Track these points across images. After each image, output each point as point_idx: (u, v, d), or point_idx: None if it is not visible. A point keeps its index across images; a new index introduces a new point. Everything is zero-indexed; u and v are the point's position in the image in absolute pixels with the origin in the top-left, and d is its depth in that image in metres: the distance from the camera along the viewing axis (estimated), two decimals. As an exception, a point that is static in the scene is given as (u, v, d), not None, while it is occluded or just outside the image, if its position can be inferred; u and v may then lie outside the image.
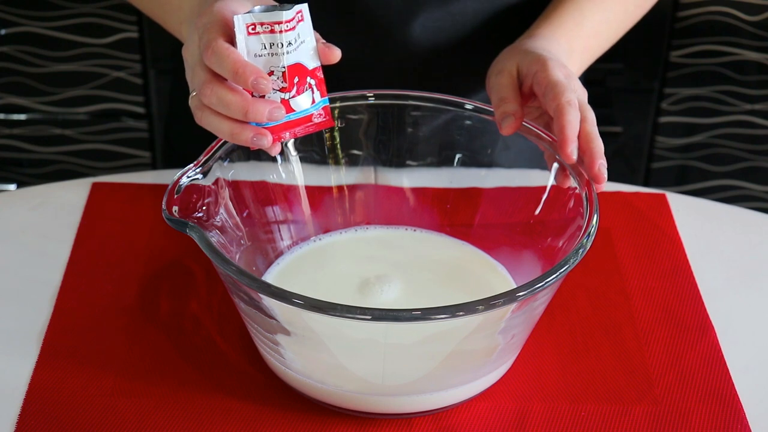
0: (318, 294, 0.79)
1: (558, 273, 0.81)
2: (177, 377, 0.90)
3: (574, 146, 0.88)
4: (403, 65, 1.08)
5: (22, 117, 1.91)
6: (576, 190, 0.90)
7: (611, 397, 0.89)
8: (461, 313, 0.78)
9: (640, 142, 1.96)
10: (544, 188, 0.95)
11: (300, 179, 0.99)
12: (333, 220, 1.01)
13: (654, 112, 1.93)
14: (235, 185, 0.93)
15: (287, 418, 0.87)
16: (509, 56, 0.96)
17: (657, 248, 1.05)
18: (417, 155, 1.00)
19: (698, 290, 1.00)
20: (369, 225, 1.01)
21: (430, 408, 0.87)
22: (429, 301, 0.81)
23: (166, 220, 0.85)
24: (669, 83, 1.88)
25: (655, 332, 0.95)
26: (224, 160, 0.91)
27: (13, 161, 1.95)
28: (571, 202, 0.91)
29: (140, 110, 1.91)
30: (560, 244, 0.91)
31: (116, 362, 0.91)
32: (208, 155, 0.90)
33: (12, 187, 1.93)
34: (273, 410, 0.87)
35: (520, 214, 0.97)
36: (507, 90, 0.93)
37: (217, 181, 0.90)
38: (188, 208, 0.86)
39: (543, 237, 0.94)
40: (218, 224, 0.89)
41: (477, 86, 1.06)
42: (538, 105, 0.94)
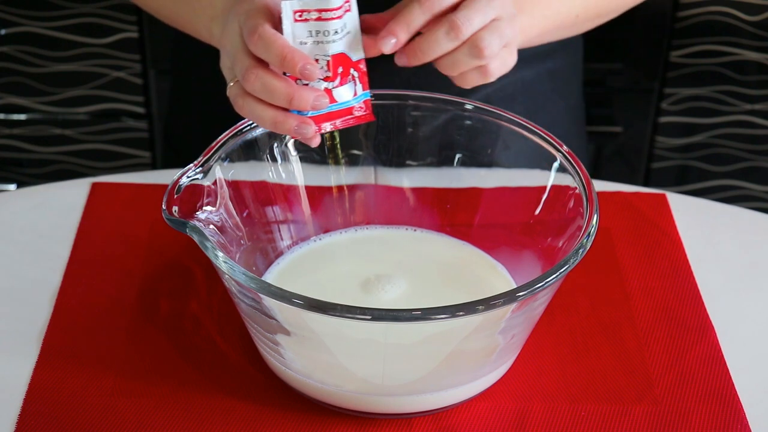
0: (318, 294, 0.79)
1: (558, 273, 0.81)
2: (177, 377, 0.90)
3: (391, 39, 0.86)
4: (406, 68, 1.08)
5: (22, 117, 1.91)
6: (576, 190, 0.90)
7: (611, 397, 0.89)
8: (461, 313, 0.78)
9: (640, 142, 1.96)
10: (544, 188, 0.95)
11: (300, 179, 0.99)
12: (333, 220, 1.01)
13: (654, 112, 1.92)
14: (235, 185, 0.93)
15: (287, 418, 0.87)
16: None
17: (657, 248, 1.05)
18: (417, 155, 1.00)
19: (698, 290, 1.00)
20: (369, 225, 1.01)
21: (430, 408, 0.87)
22: (429, 301, 0.81)
23: (166, 220, 0.85)
24: (669, 83, 1.88)
25: (655, 332, 0.95)
26: (224, 160, 0.91)
27: (13, 161, 1.95)
28: (571, 202, 0.91)
29: (140, 110, 1.91)
30: (560, 244, 0.91)
31: (116, 362, 0.91)
32: (208, 155, 0.90)
33: (12, 187, 1.93)
34: (273, 410, 0.87)
35: (520, 214, 0.97)
36: (414, 12, 0.89)
37: (217, 181, 0.90)
38: (188, 208, 0.86)
39: (543, 237, 0.94)
40: (218, 224, 0.89)
41: (477, 86, 1.05)
42: None
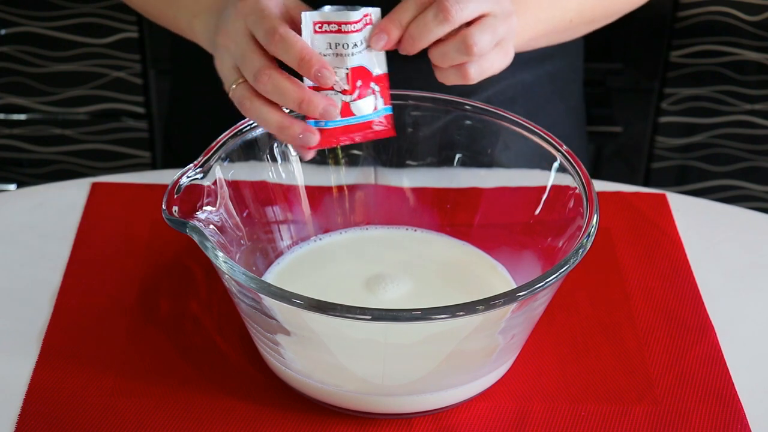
0: (318, 294, 0.79)
1: (558, 273, 0.81)
2: (177, 377, 0.90)
3: (382, 35, 0.87)
4: (405, 66, 1.08)
5: (22, 117, 1.91)
6: (576, 190, 0.90)
7: (611, 397, 0.89)
8: (461, 313, 0.78)
9: (640, 142, 1.96)
10: (544, 188, 0.95)
11: (300, 179, 0.99)
12: (333, 220, 1.01)
13: (654, 112, 1.92)
14: (235, 185, 0.93)
15: (287, 418, 0.87)
16: None
17: (657, 248, 1.05)
18: (417, 155, 1.00)
19: (698, 290, 1.00)
20: (369, 225, 1.01)
21: (430, 408, 0.87)
22: (429, 301, 0.81)
23: (166, 220, 0.85)
24: (669, 83, 1.88)
25: (655, 332, 0.95)
26: (224, 160, 0.91)
27: (13, 161, 1.95)
28: (571, 202, 0.91)
29: (140, 110, 1.91)
30: (560, 244, 0.91)
31: (116, 362, 0.91)
32: (208, 155, 0.90)
33: (12, 187, 1.93)
34: (273, 410, 0.87)
35: (520, 214, 0.96)
36: (407, 6, 0.89)
37: (217, 181, 0.90)
38: (188, 208, 0.86)
39: (543, 237, 0.94)
40: (218, 224, 0.89)
41: (477, 86, 1.05)
42: None
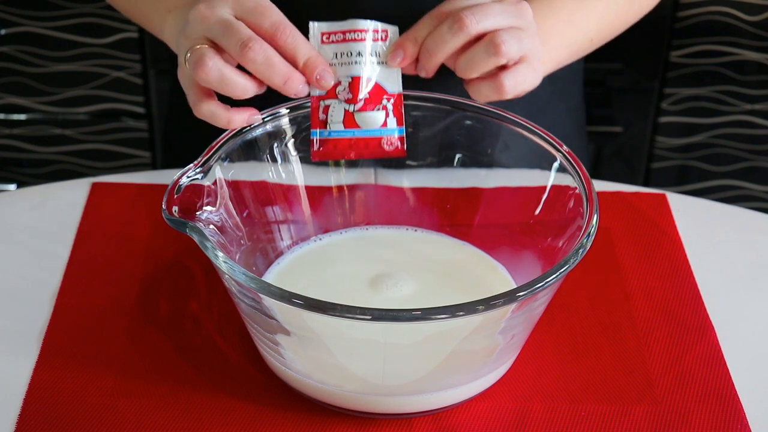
0: (318, 294, 0.79)
1: (558, 273, 0.81)
2: (177, 377, 0.90)
3: (399, 52, 0.89)
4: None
5: (22, 117, 1.91)
6: (576, 190, 0.90)
7: (611, 397, 0.89)
8: (461, 313, 0.78)
9: (640, 142, 1.96)
10: (544, 188, 0.95)
11: (300, 179, 0.99)
12: (333, 220, 1.01)
13: (654, 112, 1.93)
14: (235, 185, 0.93)
15: (287, 418, 0.87)
16: None
17: (657, 248, 1.05)
18: (417, 155, 1.00)
19: (698, 290, 1.00)
20: (369, 225, 1.01)
21: (430, 408, 0.87)
22: (429, 302, 0.81)
23: (166, 220, 0.85)
24: (669, 83, 1.88)
25: (655, 332, 0.95)
26: (224, 160, 0.91)
27: (13, 161, 1.95)
28: (571, 202, 0.91)
29: (140, 110, 1.91)
30: (560, 244, 0.91)
31: (116, 362, 0.91)
32: (208, 155, 0.90)
33: (12, 187, 1.93)
34: (273, 410, 0.87)
35: (520, 214, 0.96)
36: (423, 24, 0.91)
37: (217, 181, 0.90)
38: (188, 208, 0.86)
39: (543, 237, 0.94)
40: (218, 224, 0.89)
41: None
42: None
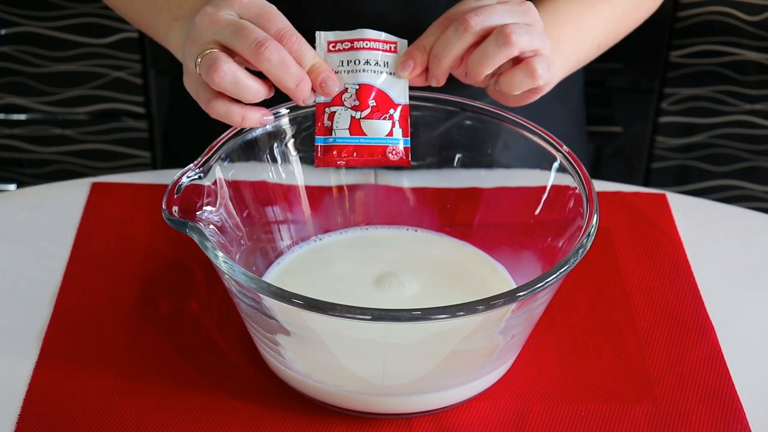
0: (318, 294, 0.79)
1: (558, 273, 0.81)
2: (177, 377, 0.90)
3: (409, 62, 0.90)
4: None
5: (22, 117, 1.91)
6: (576, 190, 0.90)
7: (611, 397, 0.89)
8: (461, 313, 0.78)
9: (640, 142, 1.96)
10: (544, 188, 0.95)
11: (300, 179, 0.99)
12: (333, 220, 1.01)
13: (654, 112, 1.93)
14: (235, 185, 0.93)
15: (287, 418, 0.87)
16: None
17: (657, 248, 1.05)
18: (417, 155, 1.00)
19: (698, 290, 1.00)
20: (369, 225, 1.01)
21: (430, 408, 0.87)
22: (429, 302, 0.81)
23: (166, 220, 0.85)
24: (669, 83, 1.88)
25: (655, 332, 0.95)
26: (224, 160, 0.91)
27: (13, 161, 1.95)
28: (571, 202, 0.91)
29: (140, 110, 1.91)
30: (560, 244, 0.91)
31: (116, 362, 0.91)
32: (208, 155, 0.90)
33: (12, 187, 1.93)
34: (273, 410, 0.87)
35: (520, 214, 0.96)
36: (429, 32, 0.92)
37: (217, 181, 0.90)
38: (188, 208, 0.86)
39: (543, 237, 0.94)
40: (218, 224, 0.89)
41: (479, 90, 1.05)
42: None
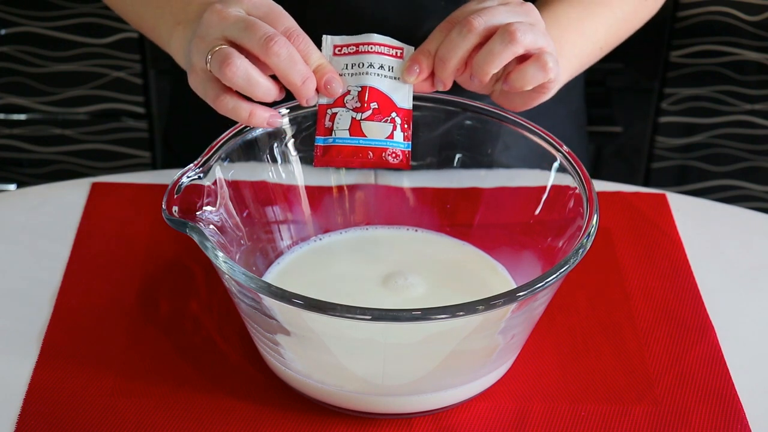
0: (318, 294, 0.79)
1: (558, 273, 0.81)
2: (177, 377, 0.90)
3: (414, 67, 0.90)
4: None
5: (22, 117, 1.91)
6: (576, 190, 0.90)
7: (611, 397, 0.89)
8: (461, 313, 0.78)
9: (640, 142, 1.96)
10: (544, 188, 0.95)
11: (300, 179, 0.99)
12: (333, 220, 1.01)
13: (654, 112, 1.93)
14: (235, 185, 0.93)
15: (287, 418, 0.87)
16: None
17: (657, 248, 1.05)
18: (417, 155, 1.00)
19: (698, 290, 1.00)
20: (369, 225, 1.01)
21: (430, 408, 0.87)
22: (429, 302, 0.81)
23: (166, 220, 0.85)
24: (669, 83, 1.88)
25: (655, 332, 0.95)
26: (224, 160, 0.91)
27: (13, 161, 1.95)
28: (571, 202, 0.91)
29: (140, 110, 1.91)
30: (560, 244, 0.91)
31: (116, 362, 0.91)
32: (208, 155, 0.90)
33: (12, 187, 1.93)
34: (273, 410, 0.87)
35: (520, 214, 0.96)
36: (434, 36, 0.92)
37: (217, 181, 0.90)
38: (188, 208, 0.86)
39: (543, 237, 0.94)
40: (218, 224, 0.89)
41: (480, 95, 1.05)
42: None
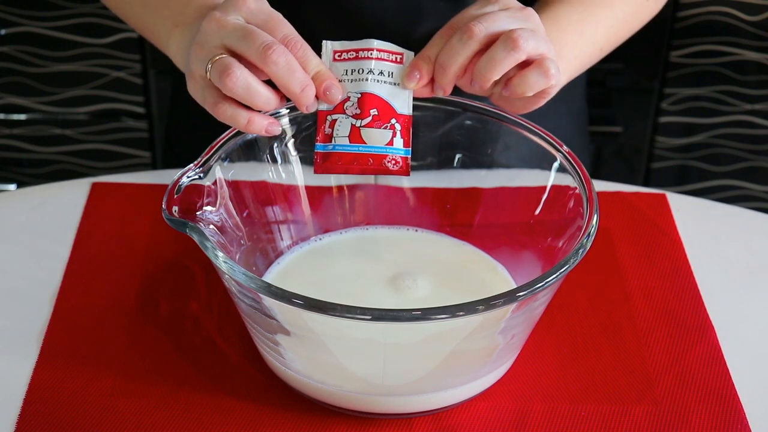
0: (318, 294, 0.79)
1: (558, 273, 0.81)
2: (177, 377, 0.90)
3: (415, 73, 0.89)
4: None
5: (22, 117, 1.91)
6: (576, 190, 0.90)
7: (611, 397, 0.89)
8: (461, 313, 0.78)
9: (640, 142, 1.96)
10: (544, 188, 0.95)
11: (300, 179, 0.99)
12: (333, 220, 1.01)
13: (654, 112, 1.93)
14: (235, 185, 0.93)
15: (287, 418, 0.87)
16: None
17: (657, 248, 1.05)
18: (417, 155, 1.00)
19: (698, 290, 1.00)
20: (369, 225, 1.01)
21: (430, 408, 0.87)
22: (428, 302, 0.81)
23: (166, 220, 0.85)
24: (669, 83, 1.88)
25: (655, 332, 0.95)
26: (224, 160, 0.91)
27: (13, 161, 1.95)
28: (571, 202, 0.91)
29: (140, 110, 1.91)
30: (560, 244, 0.91)
31: (116, 362, 0.91)
32: (208, 155, 0.90)
33: (12, 187, 1.93)
34: (273, 410, 0.87)
35: (520, 214, 0.96)
36: (434, 42, 0.91)
37: (217, 181, 0.90)
38: (188, 208, 0.86)
39: (543, 237, 0.94)
40: (218, 224, 0.89)
41: (480, 96, 1.05)
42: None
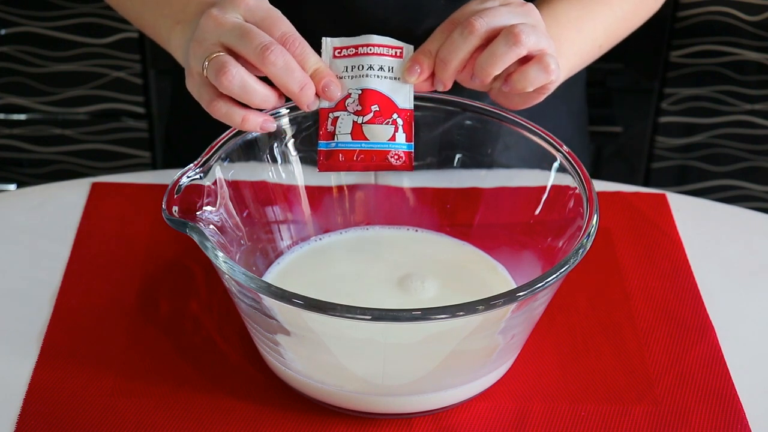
0: (318, 294, 0.79)
1: (558, 273, 0.81)
2: (177, 377, 0.90)
3: (415, 67, 0.90)
4: None
5: (22, 117, 1.91)
6: (576, 190, 0.90)
7: (611, 397, 0.89)
8: (461, 313, 0.78)
9: (640, 142, 1.96)
10: (544, 188, 0.95)
11: (300, 179, 0.99)
12: (333, 220, 1.01)
13: (654, 112, 1.93)
14: (235, 185, 0.93)
15: (287, 418, 0.87)
16: None
17: (657, 248, 1.05)
18: (417, 155, 1.00)
19: (698, 290, 1.00)
20: (369, 225, 1.01)
21: (430, 408, 0.87)
22: (429, 301, 0.81)
23: (166, 220, 0.85)
24: (669, 83, 1.88)
25: (655, 332, 0.95)
26: (224, 160, 0.91)
27: (13, 161, 1.95)
28: (571, 202, 0.91)
29: (140, 110, 1.91)
30: (560, 244, 0.91)
31: (116, 362, 0.91)
32: (208, 155, 0.90)
33: (12, 187, 1.93)
34: (273, 410, 0.87)
35: (520, 214, 0.96)
36: (435, 37, 0.91)
37: (217, 181, 0.90)
38: (188, 208, 0.86)
39: (543, 237, 0.94)
40: (218, 224, 0.89)
41: (480, 94, 1.05)
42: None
